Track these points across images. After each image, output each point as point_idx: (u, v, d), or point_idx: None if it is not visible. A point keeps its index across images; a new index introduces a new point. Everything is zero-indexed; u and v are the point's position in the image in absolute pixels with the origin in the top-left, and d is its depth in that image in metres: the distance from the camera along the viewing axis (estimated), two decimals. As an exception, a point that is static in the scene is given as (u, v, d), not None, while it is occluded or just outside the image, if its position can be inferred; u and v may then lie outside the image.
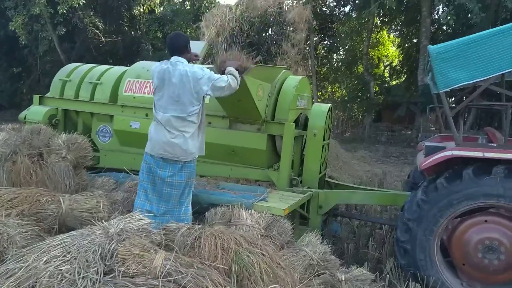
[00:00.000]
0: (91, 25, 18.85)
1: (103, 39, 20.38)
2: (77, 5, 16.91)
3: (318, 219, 4.02)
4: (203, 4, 19.76)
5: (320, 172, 4.30)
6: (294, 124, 3.99)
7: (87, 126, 5.05)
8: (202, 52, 5.72)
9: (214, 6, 13.18)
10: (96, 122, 4.95)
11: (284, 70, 4.30)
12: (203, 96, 3.28)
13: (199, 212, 3.44)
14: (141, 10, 22.22)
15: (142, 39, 23.02)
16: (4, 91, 22.69)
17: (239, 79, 3.26)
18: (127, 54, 22.04)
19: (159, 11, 23.27)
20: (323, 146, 4.22)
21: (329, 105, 4.35)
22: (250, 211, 3.10)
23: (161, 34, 21.62)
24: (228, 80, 3.17)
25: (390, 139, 18.90)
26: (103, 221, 2.17)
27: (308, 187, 4.12)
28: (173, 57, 3.28)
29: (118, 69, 5.04)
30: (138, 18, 22.98)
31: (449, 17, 13.83)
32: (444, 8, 16.60)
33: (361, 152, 14.00)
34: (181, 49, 3.30)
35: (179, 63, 3.21)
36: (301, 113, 4.38)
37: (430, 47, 3.30)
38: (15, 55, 22.09)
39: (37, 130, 3.87)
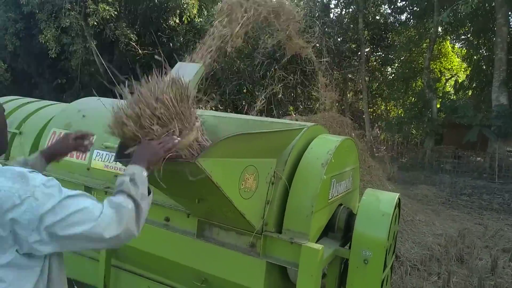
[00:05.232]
0: (123, 37, 17.84)
1: (139, 51, 19.69)
2: (108, 17, 16.01)
3: None
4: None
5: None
6: (321, 247, 1.89)
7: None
8: (196, 78, 3.90)
9: None
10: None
11: (306, 127, 2.23)
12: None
13: None
14: (177, 21, 21.02)
15: (180, 51, 21.88)
16: (48, 102, 22.45)
17: (151, 199, 1.28)
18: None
19: (198, 21, 21.95)
20: (384, 280, 2.10)
21: (395, 196, 2.19)
22: None
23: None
24: (122, 209, 1.16)
25: (457, 167, 15.94)
26: None
27: None
28: None
29: (51, 111, 3.21)
30: (177, 29, 21.88)
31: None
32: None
33: (422, 187, 11.50)
34: None
35: None
36: (340, 206, 2.30)
37: None
38: (59, 66, 21.58)
39: None
